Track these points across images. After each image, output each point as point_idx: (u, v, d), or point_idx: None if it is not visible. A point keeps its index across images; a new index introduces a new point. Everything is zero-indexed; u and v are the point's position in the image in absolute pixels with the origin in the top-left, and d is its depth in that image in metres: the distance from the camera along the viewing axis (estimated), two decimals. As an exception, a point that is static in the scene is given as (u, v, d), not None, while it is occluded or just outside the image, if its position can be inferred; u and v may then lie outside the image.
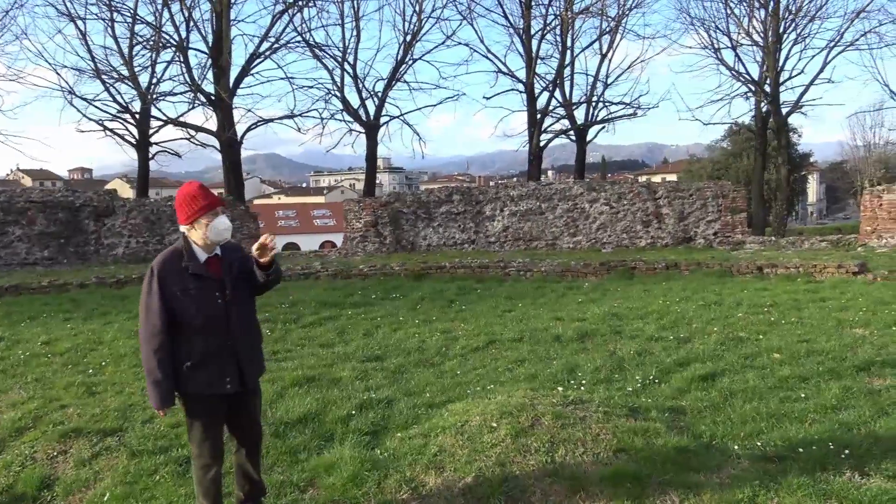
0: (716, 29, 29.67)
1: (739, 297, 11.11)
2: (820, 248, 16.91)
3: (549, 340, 8.60)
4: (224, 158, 25.70)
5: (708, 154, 59.03)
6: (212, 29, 25.20)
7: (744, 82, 29.64)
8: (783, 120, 29.90)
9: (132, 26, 25.08)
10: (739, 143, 47.43)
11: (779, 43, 28.45)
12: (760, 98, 29.40)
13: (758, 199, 28.67)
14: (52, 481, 5.22)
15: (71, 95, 24.93)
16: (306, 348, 8.65)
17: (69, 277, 14.96)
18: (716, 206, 18.37)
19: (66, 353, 8.47)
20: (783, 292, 11.54)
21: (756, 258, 15.06)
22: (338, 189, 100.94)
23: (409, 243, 19.85)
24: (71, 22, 24.53)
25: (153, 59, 25.88)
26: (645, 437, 5.04)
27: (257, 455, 4.24)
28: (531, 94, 28.98)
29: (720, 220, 18.35)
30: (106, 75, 25.01)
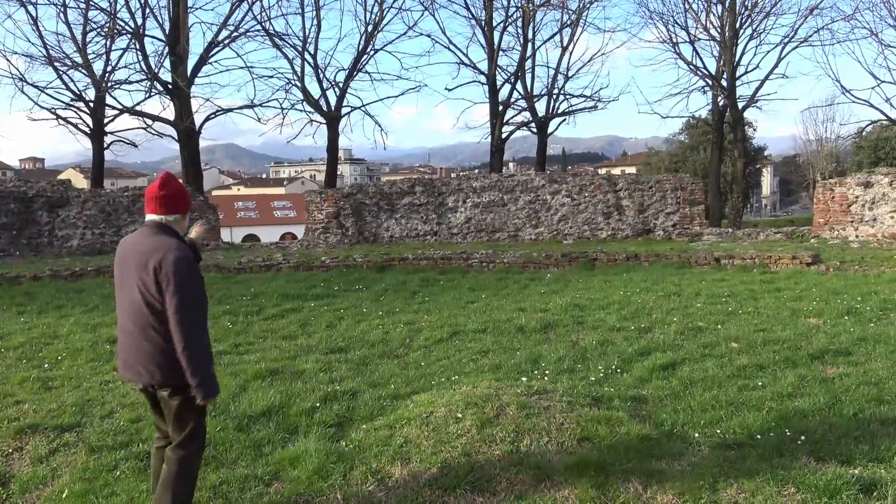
0: (674, 23, 30.13)
1: (698, 288, 11.31)
2: (775, 239, 17.29)
3: (513, 331, 8.66)
4: (182, 149, 25.26)
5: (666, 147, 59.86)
6: (168, 16, 24.69)
7: (701, 76, 30.14)
8: (739, 114, 30.50)
9: (86, 12, 24.44)
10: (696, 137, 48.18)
11: (735, 38, 28.97)
12: (717, 92, 29.93)
13: (714, 192, 29.19)
14: (8, 479, 5.09)
15: (22, 83, 24.21)
16: (269, 341, 8.57)
17: (22, 270, 14.57)
18: (675, 199, 18.66)
19: (20, 348, 8.26)
20: (740, 283, 11.79)
21: (713, 250, 15.35)
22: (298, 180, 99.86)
23: (372, 235, 19.77)
24: (21, 7, 23.79)
25: (108, 47, 25.26)
26: (608, 426, 5.12)
27: None
28: (493, 86, 29.03)
29: (679, 212, 18.65)
30: (58, 62, 24.34)
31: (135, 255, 3.72)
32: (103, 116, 25.78)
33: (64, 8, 24.05)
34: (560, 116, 30.41)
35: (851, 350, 7.26)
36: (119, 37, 25.22)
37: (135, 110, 25.92)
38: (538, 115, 29.96)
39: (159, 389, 3.76)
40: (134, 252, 3.74)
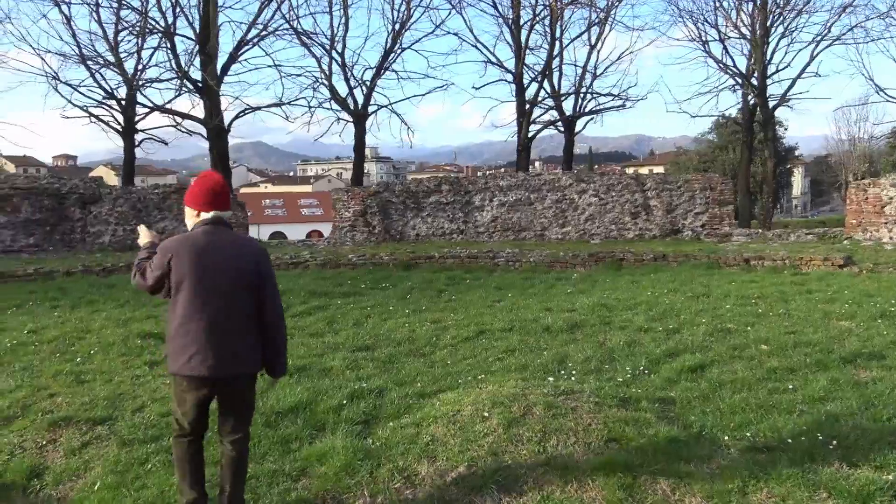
0: (704, 21, 29.78)
1: (727, 289, 11.19)
2: (806, 240, 17.04)
3: (539, 331, 8.63)
4: (211, 146, 25.51)
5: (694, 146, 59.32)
6: (199, 15, 24.93)
7: (731, 75, 29.79)
8: (770, 113, 30.08)
9: (118, 11, 24.79)
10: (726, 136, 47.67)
11: (766, 36, 28.58)
12: (748, 91, 29.55)
13: (744, 192, 28.83)
14: (42, 470, 5.18)
15: (55, 81, 24.63)
16: (296, 338, 8.63)
17: (55, 265, 14.83)
18: (703, 199, 18.47)
19: (53, 342, 8.40)
20: (770, 284, 11.64)
21: (743, 250, 15.17)
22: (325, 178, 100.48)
23: (398, 233, 19.83)
24: (55, 6, 24.20)
25: (139, 45, 25.61)
26: (636, 428, 5.08)
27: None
28: (520, 84, 28.95)
29: (708, 212, 18.46)
30: (91, 61, 24.72)
31: (227, 252, 3.89)
32: (134, 114, 26.13)
33: (97, 7, 24.43)
34: (587, 115, 30.28)
35: (885, 354, 7.12)
36: (150, 35, 25.55)
37: (165, 108, 26.24)
38: (565, 114, 29.83)
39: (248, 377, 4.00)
40: (225, 250, 3.89)
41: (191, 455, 4.01)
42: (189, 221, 4.02)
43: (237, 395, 4.01)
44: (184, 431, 3.97)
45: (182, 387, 3.86)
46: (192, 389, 3.85)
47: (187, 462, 4.01)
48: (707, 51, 29.79)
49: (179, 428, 3.99)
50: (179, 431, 4.00)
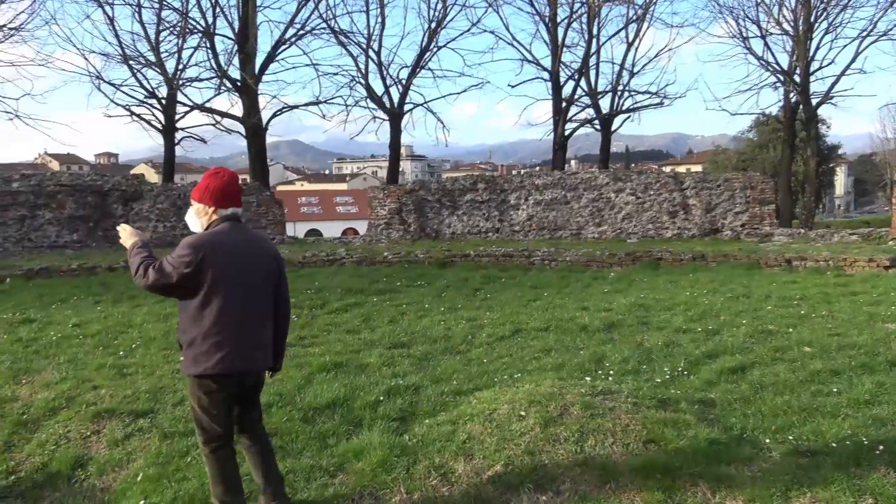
0: (745, 17, 29.27)
1: (768, 290, 10.99)
2: (850, 241, 16.65)
3: (576, 330, 8.57)
4: (249, 145, 25.83)
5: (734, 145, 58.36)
6: (238, 15, 25.26)
7: (773, 72, 29.23)
8: (812, 111, 29.45)
9: (159, 12, 25.22)
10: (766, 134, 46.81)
11: (809, 32, 27.97)
12: (789, 88, 28.96)
13: (785, 191, 28.29)
14: (86, 461, 5.30)
15: (99, 80, 25.18)
16: (332, 334, 8.69)
17: (98, 261, 15.15)
18: (744, 198, 18.16)
19: (97, 336, 8.57)
20: (813, 285, 11.41)
21: (784, 251, 14.89)
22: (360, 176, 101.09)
23: (434, 231, 19.86)
24: (99, 7, 24.72)
25: (179, 45, 26.04)
26: (675, 429, 5.01)
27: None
28: (556, 82, 28.78)
29: (748, 211, 18.15)
30: (133, 61, 25.20)
31: (255, 250, 3.94)
32: (174, 113, 26.57)
33: (139, 8, 24.87)
34: (624, 113, 29.99)
35: (934, 357, 6.93)
36: (190, 35, 25.96)
37: (205, 107, 26.64)
38: (602, 112, 29.57)
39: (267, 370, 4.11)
40: (251, 247, 3.93)
41: (229, 461, 4.00)
42: (200, 219, 3.93)
43: (258, 389, 4.11)
44: (216, 436, 3.91)
45: (211, 388, 3.79)
46: (224, 388, 3.82)
47: (228, 469, 3.99)
48: (748, 47, 29.30)
49: (211, 436, 3.91)
50: (211, 439, 3.91)
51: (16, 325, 9.19)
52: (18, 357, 7.61)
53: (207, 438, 3.92)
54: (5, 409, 6.17)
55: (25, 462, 5.43)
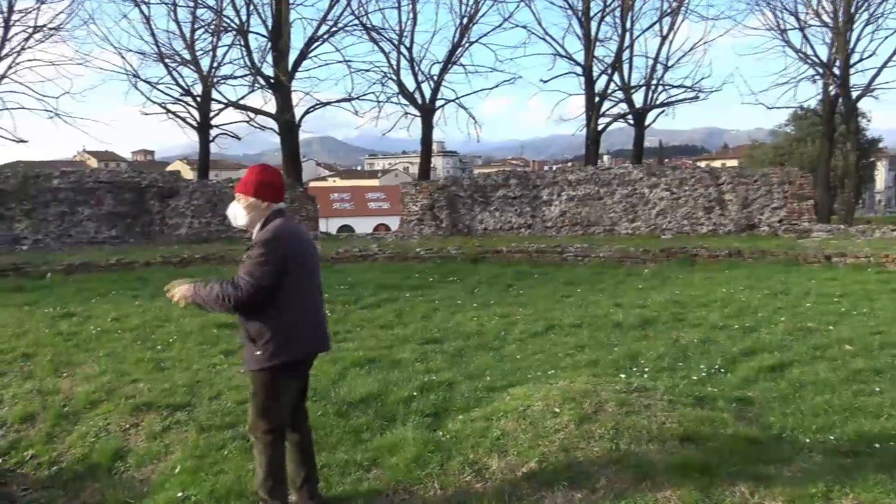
0: (783, 9, 28.66)
1: (807, 287, 10.79)
2: (892, 237, 16.26)
3: (610, 327, 8.50)
4: (282, 141, 26.04)
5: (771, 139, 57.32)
6: (271, 12, 25.48)
7: (811, 65, 28.62)
8: (852, 104, 28.79)
9: (194, 10, 25.56)
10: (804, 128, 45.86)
11: (850, 23, 27.33)
12: (828, 81, 28.35)
13: (823, 187, 27.72)
14: (125, 453, 5.39)
15: (135, 79, 25.62)
16: (366, 329, 8.73)
17: (136, 256, 15.40)
18: (781, 193, 17.83)
19: (135, 330, 8.71)
20: (853, 282, 11.18)
21: (824, 247, 14.60)
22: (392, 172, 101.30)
23: (466, 227, 19.84)
24: (136, 6, 25.12)
25: (214, 43, 26.36)
26: (712, 427, 4.94)
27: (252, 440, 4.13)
28: (589, 77, 28.53)
29: (786, 207, 17.82)
30: (169, 59, 25.57)
31: (308, 237, 4.16)
32: (209, 110, 26.90)
33: (174, 6, 25.22)
34: (658, 107, 29.64)
35: (981, 356, 6.74)
36: (225, 33, 26.26)
37: (239, 104, 26.93)
38: (635, 107, 29.26)
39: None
40: (307, 238, 4.13)
41: (283, 453, 4.04)
42: (251, 213, 3.92)
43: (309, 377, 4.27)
44: (279, 427, 3.96)
45: (285, 376, 3.89)
46: (299, 374, 4.03)
47: (281, 461, 4.03)
48: (785, 40, 28.73)
49: (275, 426, 3.94)
50: (274, 430, 3.94)
51: (57, 319, 9.37)
52: (60, 350, 7.77)
53: (269, 429, 3.93)
54: (47, 401, 6.30)
55: (67, 453, 5.56)
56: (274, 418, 3.93)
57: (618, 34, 28.65)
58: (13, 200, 17.43)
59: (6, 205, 17.36)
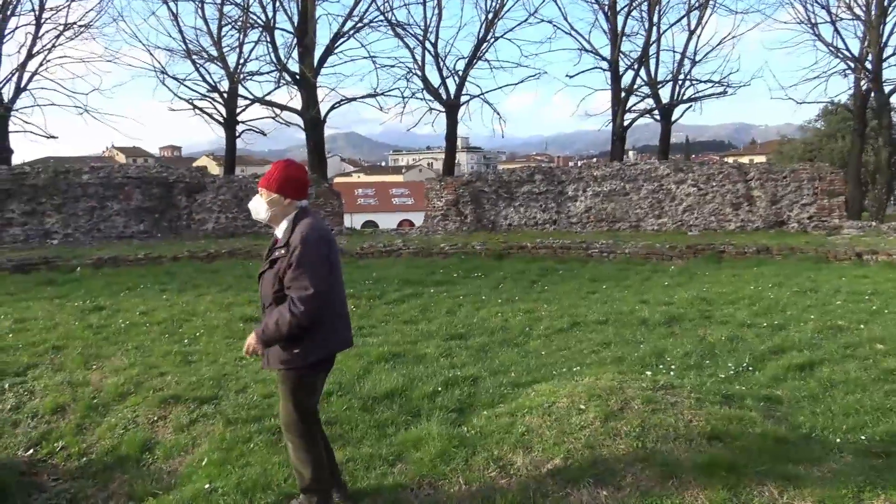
0: (813, 2, 28.15)
1: (837, 285, 10.61)
2: (925, 234, 15.95)
3: (635, 324, 8.43)
4: (308, 137, 26.14)
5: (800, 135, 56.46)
6: (297, 9, 25.55)
7: (842, 59, 28.09)
8: (885, 99, 28.21)
9: (221, 7, 25.71)
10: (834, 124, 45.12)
11: (883, 16, 26.78)
12: (860, 76, 27.82)
13: (854, 183, 27.22)
14: (153, 444, 5.46)
15: (163, 75, 25.86)
16: (390, 325, 8.75)
17: (163, 251, 15.57)
18: (811, 189, 17.56)
19: (162, 323, 8.80)
20: (885, 280, 10.97)
21: (855, 244, 14.35)
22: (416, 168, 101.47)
23: (490, 223, 19.79)
24: (164, 4, 25.37)
25: (241, 40, 26.50)
26: (740, 426, 4.88)
27: (287, 441, 4.08)
28: (615, 72, 28.30)
29: (816, 203, 17.54)
30: (196, 55, 25.77)
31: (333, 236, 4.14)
32: (235, 106, 27.08)
33: (202, 3, 25.41)
34: (686, 103, 29.28)
35: None
36: (251, 30, 26.38)
37: (265, 100, 27.08)
38: (662, 102, 28.96)
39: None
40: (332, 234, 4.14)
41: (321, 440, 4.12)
42: (273, 208, 3.91)
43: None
44: (311, 414, 4.02)
45: (321, 370, 4.00)
46: (329, 368, 4.12)
47: (321, 449, 4.08)
48: (816, 33, 28.22)
49: (308, 417, 3.99)
50: (307, 419, 3.98)
51: (87, 312, 9.50)
52: (89, 343, 7.88)
53: (305, 422, 3.98)
54: (77, 393, 6.40)
55: (96, 444, 5.64)
56: (310, 413, 4.01)
57: (645, 28, 28.40)
58: (44, 195, 17.71)
59: (37, 200, 17.64)
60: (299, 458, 3.99)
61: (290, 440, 4.00)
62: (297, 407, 3.93)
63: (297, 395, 3.91)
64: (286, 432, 4.02)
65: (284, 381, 3.93)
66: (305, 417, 3.97)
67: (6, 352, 7.55)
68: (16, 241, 17.03)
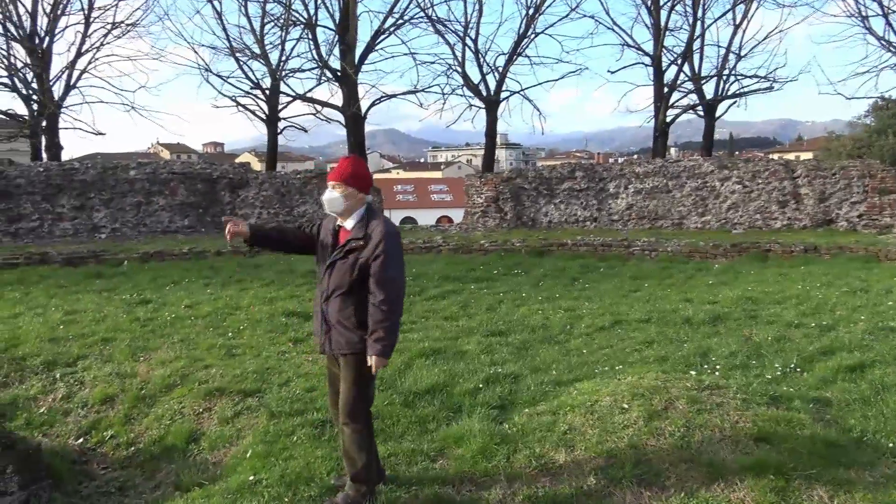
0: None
1: (889, 285, 10.31)
2: (981, 233, 15.42)
3: (679, 322, 8.31)
4: (348, 133, 26.31)
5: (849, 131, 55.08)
6: (339, 6, 25.72)
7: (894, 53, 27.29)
8: (940, 93, 27.38)
9: (264, 5, 25.98)
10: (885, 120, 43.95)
11: (938, 9, 25.95)
12: (914, 70, 27.00)
13: (906, 180, 26.43)
14: (199, 436, 5.57)
15: (207, 73, 26.28)
16: (431, 321, 8.76)
17: (207, 245, 15.82)
18: (861, 187, 17.09)
19: (207, 317, 8.93)
20: (939, 280, 10.63)
21: (906, 243, 13.93)
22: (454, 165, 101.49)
23: (530, 219, 19.70)
24: (208, 2, 25.76)
25: (283, 37, 26.75)
26: (788, 428, 4.79)
27: (345, 427, 4.07)
28: (658, 67, 27.89)
29: (866, 201, 17.07)
30: (240, 53, 26.11)
31: None
32: (277, 103, 27.36)
33: (245, 1, 25.73)
34: (730, 98, 28.70)
35: None
36: (293, 27, 26.62)
37: (306, 97, 27.32)
38: (706, 98, 28.46)
39: None
40: None
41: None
42: (347, 202, 4.02)
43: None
44: (371, 403, 4.20)
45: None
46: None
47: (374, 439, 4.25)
48: (867, 27, 27.39)
49: (369, 405, 4.17)
50: (368, 407, 4.16)
51: (134, 306, 9.70)
52: (136, 335, 8.04)
53: (368, 407, 4.15)
54: (125, 384, 6.55)
55: (144, 434, 5.77)
56: (372, 401, 4.19)
57: (688, 23, 27.91)
58: (93, 190, 18.13)
59: (86, 195, 18.06)
60: (356, 446, 4.03)
61: (351, 428, 4.02)
62: (362, 393, 4.03)
63: (363, 380, 4.01)
64: (348, 420, 4.03)
65: (354, 367, 3.97)
66: (368, 405, 4.12)
67: (58, 343, 7.75)
68: (66, 235, 17.48)
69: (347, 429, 4.03)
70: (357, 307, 3.94)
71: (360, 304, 3.94)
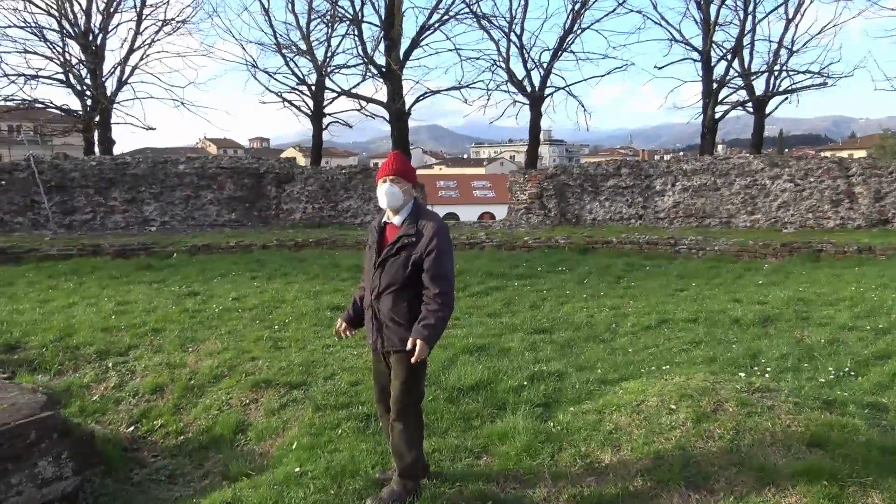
0: (925, -12, 26.50)
1: (948, 287, 9.97)
2: None
3: (727, 323, 8.15)
4: (392, 129, 26.45)
5: (906, 128, 53.44)
6: (384, 2, 25.85)
7: (957, 47, 26.38)
8: None
9: (310, 2, 26.29)
10: (946, 116, 42.52)
11: None
12: (977, 65, 26.04)
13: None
14: (246, 426, 5.64)
15: (254, 69, 26.70)
16: (474, 317, 8.74)
17: (253, 239, 16.05)
18: (919, 186, 16.54)
19: (253, 309, 9.05)
20: None
21: (967, 245, 13.44)
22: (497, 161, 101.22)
23: (574, 217, 19.54)
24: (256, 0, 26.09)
25: (329, 33, 27.06)
26: (842, 433, 4.65)
27: (396, 424, 4.05)
28: (707, 63, 27.43)
29: (924, 201, 16.51)
30: (286, 49, 26.44)
31: None
32: (323, 99, 27.66)
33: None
34: (781, 94, 28.06)
35: None
36: (339, 23, 26.87)
37: (351, 93, 27.54)
38: (756, 94, 27.87)
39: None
40: None
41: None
42: (405, 196, 4.06)
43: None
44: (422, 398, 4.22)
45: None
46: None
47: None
48: (927, 21, 26.56)
49: (421, 400, 4.19)
50: (420, 403, 4.18)
51: (183, 297, 9.88)
52: (185, 326, 8.18)
53: (420, 402, 4.17)
54: (175, 374, 6.67)
55: (193, 424, 5.87)
56: (422, 395, 4.20)
57: (739, 18, 27.41)
58: (143, 184, 18.56)
59: (137, 188, 18.49)
60: (406, 442, 4.04)
61: (403, 423, 4.02)
62: (415, 389, 4.05)
63: (415, 376, 4.02)
64: (401, 415, 4.02)
65: (406, 364, 3.94)
66: (419, 401, 4.13)
67: (110, 332, 7.93)
68: (117, 228, 17.92)
69: (398, 425, 4.03)
70: (410, 303, 3.95)
71: (413, 301, 3.94)
